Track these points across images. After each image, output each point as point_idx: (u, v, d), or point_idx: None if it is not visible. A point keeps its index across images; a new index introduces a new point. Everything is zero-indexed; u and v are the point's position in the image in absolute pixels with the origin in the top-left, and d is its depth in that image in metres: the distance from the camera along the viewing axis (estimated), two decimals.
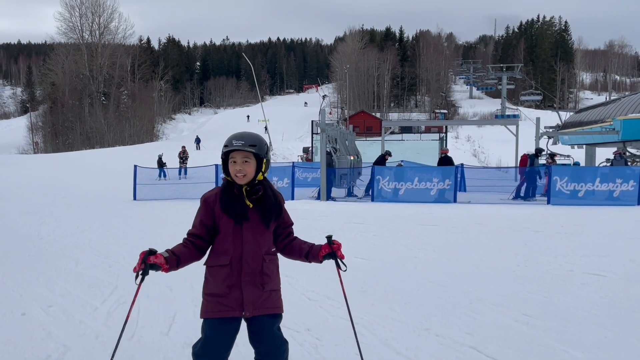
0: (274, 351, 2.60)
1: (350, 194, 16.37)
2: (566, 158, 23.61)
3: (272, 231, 2.68)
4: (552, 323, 4.25)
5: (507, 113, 25.02)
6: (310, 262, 2.78)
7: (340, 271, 2.80)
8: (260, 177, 2.59)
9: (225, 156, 2.57)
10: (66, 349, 3.71)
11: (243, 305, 2.53)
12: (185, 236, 2.62)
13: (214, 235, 2.60)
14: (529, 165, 15.82)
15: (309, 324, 4.18)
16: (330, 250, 2.71)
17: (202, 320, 2.59)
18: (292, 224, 2.79)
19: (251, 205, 2.56)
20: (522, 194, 15.26)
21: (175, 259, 2.52)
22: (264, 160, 2.58)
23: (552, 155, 19.56)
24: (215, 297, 2.54)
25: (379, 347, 3.74)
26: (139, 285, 2.53)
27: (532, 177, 15.45)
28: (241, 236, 2.54)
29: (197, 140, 49.01)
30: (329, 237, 2.78)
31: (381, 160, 17.07)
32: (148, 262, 2.45)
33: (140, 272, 2.46)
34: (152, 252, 2.50)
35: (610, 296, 5.05)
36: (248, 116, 64.62)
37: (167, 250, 2.55)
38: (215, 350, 2.51)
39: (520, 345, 3.78)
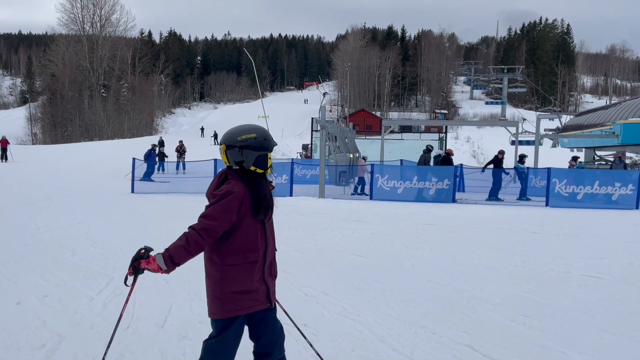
0: (275, 340, 2.66)
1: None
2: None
3: None
4: (549, 323, 4.24)
5: (523, 138, 24.41)
6: None
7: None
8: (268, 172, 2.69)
9: (260, 150, 2.57)
10: (61, 339, 3.69)
11: (269, 297, 2.60)
12: (199, 233, 2.42)
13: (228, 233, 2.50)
14: None
15: (305, 319, 4.16)
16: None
17: (214, 318, 2.55)
18: None
19: None
20: None
21: (173, 266, 2.45)
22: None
23: (574, 158, 19.65)
24: (245, 294, 2.52)
25: (375, 343, 3.73)
26: (133, 284, 2.53)
27: None
28: (265, 232, 2.60)
29: (215, 136, 46.14)
30: None
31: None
32: (140, 268, 2.45)
33: (130, 276, 2.47)
34: (147, 252, 2.45)
35: (608, 298, 5.04)
36: (202, 128, 59.47)
37: (165, 252, 2.43)
38: (234, 346, 2.56)
39: (516, 344, 3.77)
